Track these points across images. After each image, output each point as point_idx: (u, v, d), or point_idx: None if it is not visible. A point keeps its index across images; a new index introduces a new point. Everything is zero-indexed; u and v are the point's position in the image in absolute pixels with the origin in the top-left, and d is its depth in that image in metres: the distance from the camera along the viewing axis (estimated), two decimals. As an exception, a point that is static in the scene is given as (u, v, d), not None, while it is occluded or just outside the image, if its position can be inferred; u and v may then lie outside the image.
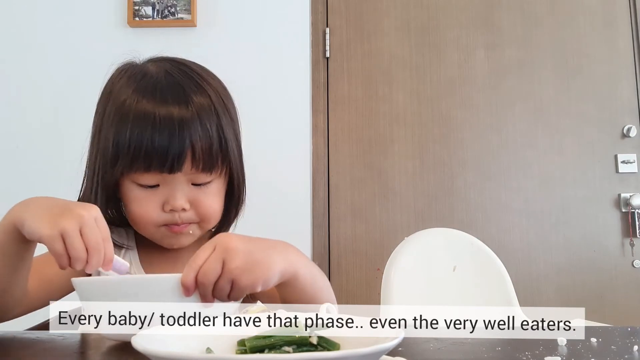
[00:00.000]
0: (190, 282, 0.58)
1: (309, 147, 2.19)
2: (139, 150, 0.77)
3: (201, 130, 0.79)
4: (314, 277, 0.72)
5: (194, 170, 0.80)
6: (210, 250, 0.61)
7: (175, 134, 0.77)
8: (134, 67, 0.87)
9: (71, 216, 0.63)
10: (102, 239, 0.64)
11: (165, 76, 0.83)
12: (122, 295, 0.59)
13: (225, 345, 0.49)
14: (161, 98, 0.79)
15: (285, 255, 0.67)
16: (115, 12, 2.20)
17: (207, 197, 0.83)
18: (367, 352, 0.39)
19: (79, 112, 2.26)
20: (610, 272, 2.14)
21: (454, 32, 2.28)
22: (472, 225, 2.14)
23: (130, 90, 0.81)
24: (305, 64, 2.21)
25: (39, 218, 0.63)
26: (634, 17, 2.26)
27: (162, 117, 0.77)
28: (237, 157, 0.86)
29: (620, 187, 2.18)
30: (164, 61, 0.88)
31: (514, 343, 0.60)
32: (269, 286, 0.64)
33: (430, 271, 1.54)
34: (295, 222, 2.11)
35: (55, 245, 0.62)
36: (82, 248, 0.62)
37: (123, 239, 0.90)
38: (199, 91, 0.82)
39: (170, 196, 0.81)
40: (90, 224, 0.63)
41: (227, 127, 0.83)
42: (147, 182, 0.80)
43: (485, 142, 2.22)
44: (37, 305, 0.81)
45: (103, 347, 0.62)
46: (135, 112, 0.78)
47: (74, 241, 0.62)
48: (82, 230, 0.63)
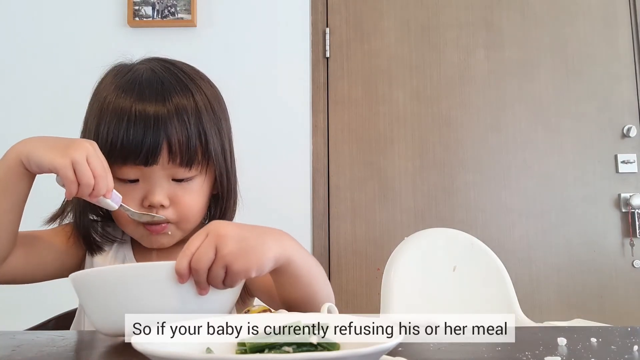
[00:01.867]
0: (184, 269, 0.58)
1: (309, 147, 2.19)
2: (114, 144, 0.79)
3: (178, 125, 0.80)
4: (309, 264, 0.71)
5: (172, 164, 0.80)
6: (203, 236, 0.61)
7: (150, 128, 0.79)
8: (122, 67, 0.88)
9: (79, 147, 0.70)
10: (104, 169, 0.71)
11: (148, 73, 0.84)
12: (118, 285, 0.59)
13: (225, 345, 0.49)
14: (139, 94, 0.81)
15: (279, 242, 0.66)
16: (115, 12, 2.21)
17: (186, 193, 0.83)
18: (367, 352, 0.39)
19: (79, 111, 2.26)
20: (610, 272, 2.14)
21: (454, 32, 2.28)
22: (472, 225, 2.14)
23: (112, 87, 0.83)
24: (305, 64, 2.21)
25: (48, 150, 0.70)
26: (634, 17, 2.26)
27: (138, 112, 0.79)
28: (221, 155, 0.86)
29: (620, 187, 2.18)
30: (153, 61, 0.89)
31: (514, 343, 0.60)
32: (263, 272, 0.63)
33: (430, 271, 1.54)
34: (295, 222, 2.11)
35: (67, 172, 0.68)
36: (90, 175, 0.69)
37: (117, 233, 0.91)
38: (182, 89, 0.83)
39: (149, 191, 0.81)
40: (95, 154, 0.71)
41: (209, 124, 0.84)
42: (126, 176, 0.81)
43: (485, 142, 2.22)
44: (19, 274, 0.81)
45: (103, 347, 0.62)
46: (113, 107, 0.81)
47: (84, 169, 0.69)
48: (89, 159, 0.69)
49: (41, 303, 1.27)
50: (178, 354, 0.40)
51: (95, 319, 0.62)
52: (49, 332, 0.71)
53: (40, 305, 1.22)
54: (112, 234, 0.90)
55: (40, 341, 0.65)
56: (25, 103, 2.19)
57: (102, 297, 0.60)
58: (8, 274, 0.79)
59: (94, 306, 0.61)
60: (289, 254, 0.67)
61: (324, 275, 0.76)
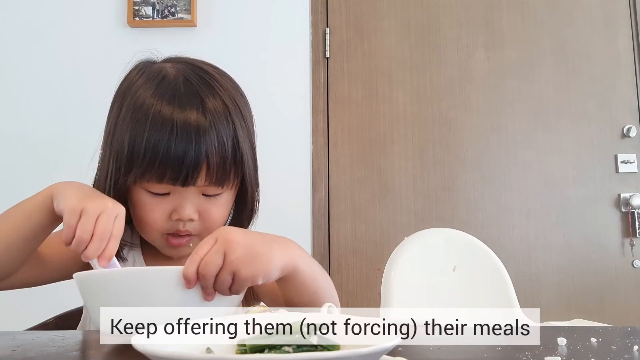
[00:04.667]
0: (191, 275, 0.58)
1: (309, 147, 2.19)
2: (153, 160, 0.75)
3: (217, 141, 0.77)
4: (315, 273, 0.72)
5: (207, 183, 0.79)
6: (211, 243, 0.61)
7: (192, 144, 0.75)
8: (151, 67, 0.85)
9: (98, 202, 0.67)
10: (111, 234, 0.66)
11: (184, 82, 0.81)
12: (124, 288, 0.59)
13: (225, 345, 0.49)
14: (179, 105, 0.77)
15: (286, 250, 0.67)
16: (115, 12, 2.20)
17: (214, 207, 0.82)
18: (367, 352, 0.39)
19: (80, 111, 2.26)
20: (610, 272, 2.14)
21: (454, 32, 2.28)
22: (472, 225, 2.14)
23: (149, 92, 0.79)
24: (305, 64, 2.21)
25: (72, 195, 0.69)
26: (634, 17, 2.26)
27: (180, 124, 0.76)
28: (252, 168, 0.85)
29: (620, 187, 2.18)
30: (181, 63, 0.86)
31: (514, 343, 0.60)
32: (270, 279, 0.64)
33: (430, 271, 1.54)
34: (295, 222, 2.11)
35: (70, 218, 0.66)
36: (89, 231, 0.65)
37: (127, 237, 0.90)
38: (216, 99, 0.80)
39: (180, 206, 0.80)
40: (109, 216, 0.67)
41: (243, 138, 0.82)
42: (159, 191, 0.79)
43: (485, 142, 2.22)
44: (25, 282, 0.81)
45: (103, 347, 0.62)
46: (153, 116, 0.76)
47: (86, 222, 0.65)
48: (99, 217, 0.66)
49: (41, 303, 1.27)
50: (178, 354, 0.40)
51: (98, 320, 0.62)
52: (49, 332, 0.71)
53: (40, 305, 1.22)
54: (123, 237, 0.90)
55: (40, 341, 0.65)
56: (26, 103, 2.19)
57: (106, 300, 0.59)
58: (14, 285, 0.79)
59: (98, 308, 0.61)
60: (295, 262, 0.67)
61: (329, 282, 0.76)
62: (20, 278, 0.79)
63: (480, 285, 1.51)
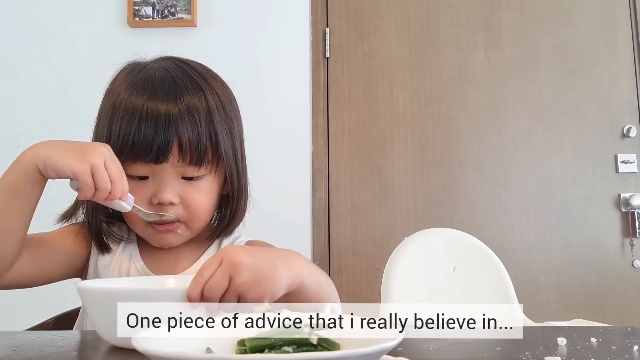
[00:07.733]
0: (196, 297, 0.58)
1: (309, 147, 2.19)
2: (126, 141, 0.79)
3: (189, 125, 0.81)
4: (319, 284, 0.72)
5: (182, 162, 0.81)
6: (216, 264, 0.61)
7: (161, 127, 0.79)
8: (136, 65, 0.89)
9: (96, 152, 0.70)
10: (120, 172, 0.72)
11: (161, 72, 0.85)
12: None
13: (225, 345, 0.49)
14: (151, 92, 0.81)
15: (291, 266, 0.67)
16: (115, 12, 2.20)
17: (196, 192, 0.84)
18: (367, 352, 0.39)
19: (80, 111, 2.26)
20: (610, 272, 2.14)
21: (454, 32, 2.28)
22: (472, 225, 2.14)
23: (125, 85, 0.84)
24: (305, 64, 2.21)
25: (65, 155, 0.70)
26: (634, 17, 2.26)
27: (150, 110, 0.80)
28: (232, 155, 0.86)
29: (620, 187, 2.18)
30: (167, 60, 0.89)
31: (514, 343, 0.60)
32: (275, 298, 0.64)
33: (430, 271, 1.54)
34: (295, 222, 2.10)
35: (86, 178, 0.69)
36: (108, 180, 0.70)
37: (123, 233, 0.91)
38: (194, 89, 0.84)
39: (159, 189, 0.82)
40: (112, 158, 0.72)
41: (220, 124, 0.84)
42: (136, 173, 0.81)
43: (485, 142, 2.22)
44: (26, 279, 0.81)
45: (103, 347, 0.62)
46: (125, 106, 0.81)
47: (102, 174, 0.70)
48: (106, 164, 0.70)
49: (41, 303, 1.27)
50: (178, 354, 0.40)
51: (100, 330, 0.62)
52: (49, 332, 0.72)
53: (40, 305, 1.22)
54: (118, 233, 0.90)
55: (40, 341, 0.65)
56: (26, 103, 2.19)
57: (109, 314, 0.58)
58: (15, 280, 0.79)
59: (99, 319, 0.61)
60: (301, 279, 0.67)
61: (333, 290, 0.76)
62: (22, 274, 0.79)
63: (480, 285, 1.52)
